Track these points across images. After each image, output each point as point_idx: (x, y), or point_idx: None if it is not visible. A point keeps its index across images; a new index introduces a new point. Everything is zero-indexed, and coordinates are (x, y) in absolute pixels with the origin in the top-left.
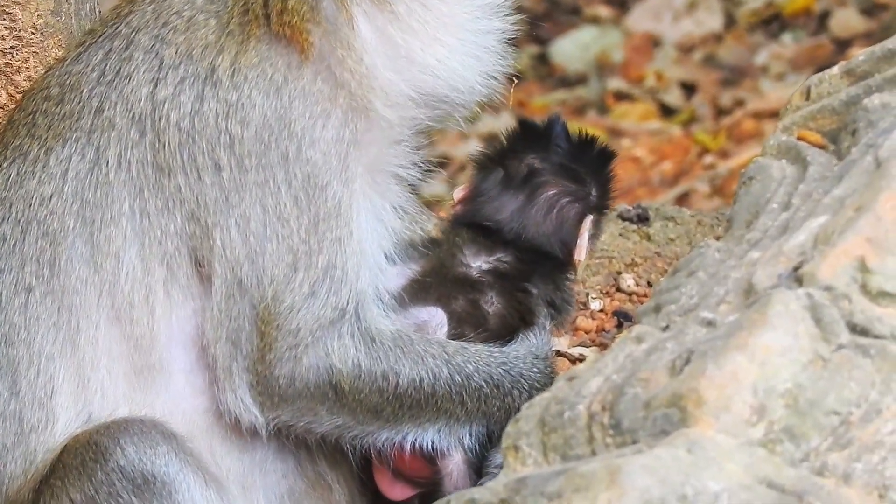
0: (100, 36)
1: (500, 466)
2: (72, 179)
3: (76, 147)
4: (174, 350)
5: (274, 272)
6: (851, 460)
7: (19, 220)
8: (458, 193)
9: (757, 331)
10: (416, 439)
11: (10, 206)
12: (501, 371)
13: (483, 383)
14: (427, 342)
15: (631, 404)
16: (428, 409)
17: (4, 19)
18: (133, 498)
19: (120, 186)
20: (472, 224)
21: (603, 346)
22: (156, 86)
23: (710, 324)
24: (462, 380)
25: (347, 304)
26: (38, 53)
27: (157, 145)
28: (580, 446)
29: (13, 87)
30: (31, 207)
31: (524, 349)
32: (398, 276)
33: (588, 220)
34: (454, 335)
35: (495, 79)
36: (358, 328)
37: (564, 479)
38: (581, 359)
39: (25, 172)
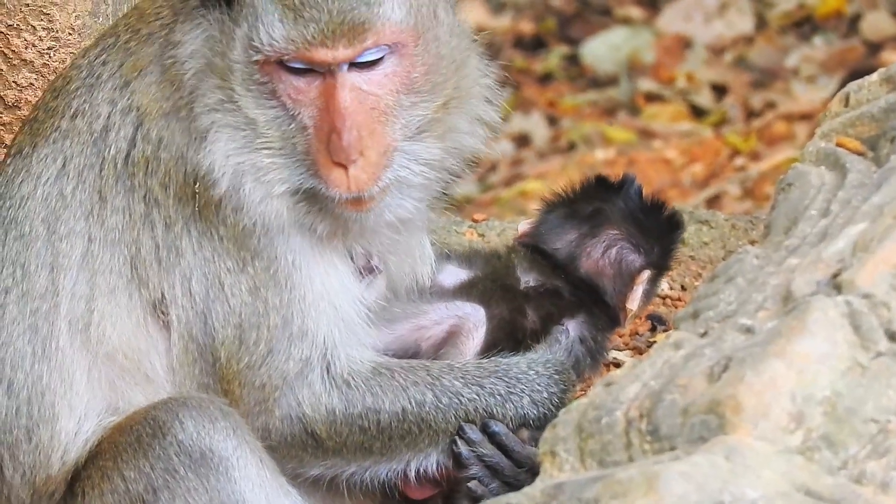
0: (111, 32)
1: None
2: (43, 183)
3: (52, 149)
4: (154, 370)
5: (224, 334)
6: (889, 468)
7: (4, 219)
8: (523, 226)
9: (795, 338)
10: (420, 465)
11: (2, 205)
12: (494, 379)
13: (476, 395)
14: (410, 369)
15: (669, 410)
16: (423, 435)
17: (42, 20)
18: (189, 473)
19: (76, 203)
20: (532, 247)
21: (636, 350)
22: (113, 105)
23: (748, 330)
24: (450, 399)
25: (311, 354)
26: (75, 54)
27: (102, 172)
28: (618, 452)
29: None
30: (14, 207)
31: (521, 357)
32: (452, 275)
33: (646, 273)
34: (490, 341)
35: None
36: (328, 374)
37: (602, 485)
38: (615, 362)
39: (17, 169)
